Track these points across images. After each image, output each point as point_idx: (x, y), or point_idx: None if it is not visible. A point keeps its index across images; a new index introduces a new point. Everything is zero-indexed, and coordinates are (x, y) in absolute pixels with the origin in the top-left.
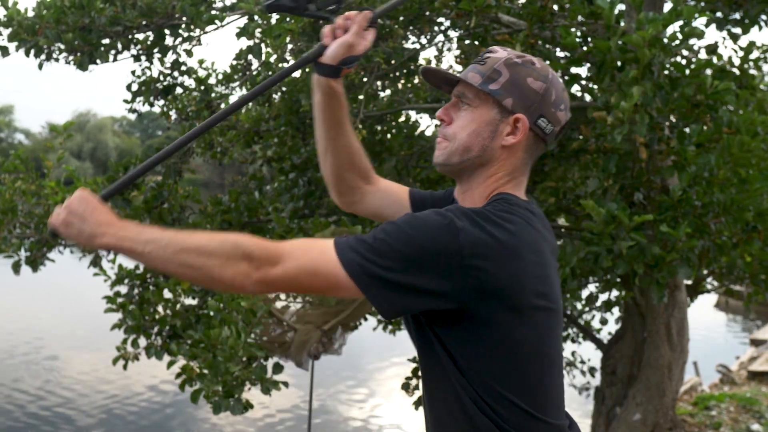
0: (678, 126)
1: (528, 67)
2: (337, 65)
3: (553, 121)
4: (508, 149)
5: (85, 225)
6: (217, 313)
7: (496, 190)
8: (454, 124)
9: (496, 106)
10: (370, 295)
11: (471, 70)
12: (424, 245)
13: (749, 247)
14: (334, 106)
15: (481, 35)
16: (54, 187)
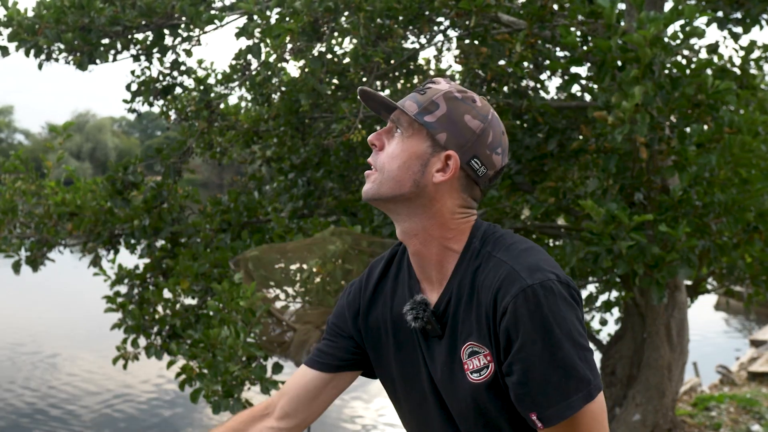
0: (679, 126)
1: (468, 103)
2: None
3: (486, 164)
4: (440, 186)
5: None
6: (217, 312)
7: (457, 228)
8: (385, 151)
9: (429, 139)
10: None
11: (410, 98)
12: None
13: (750, 248)
14: None
15: (480, 35)
16: (54, 187)
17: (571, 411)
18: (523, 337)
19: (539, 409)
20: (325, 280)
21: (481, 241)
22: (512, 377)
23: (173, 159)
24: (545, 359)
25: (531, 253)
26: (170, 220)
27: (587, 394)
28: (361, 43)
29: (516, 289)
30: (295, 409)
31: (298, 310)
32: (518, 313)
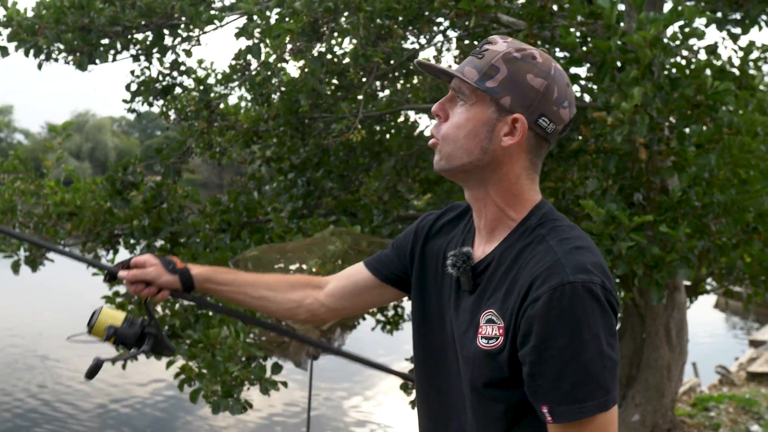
0: (678, 126)
1: (528, 62)
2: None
3: (555, 120)
4: (508, 150)
5: None
6: (216, 312)
7: (524, 197)
8: (449, 121)
9: (493, 104)
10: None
11: (468, 63)
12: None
13: (749, 248)
14: (224, 292)
15: (480, 35)
16: (53, 187)
17: (583, 415)
18: (548, 330)
19: (551, 403)
20: None
21: (539, 220)
22: (528, 367)
23: (173, 159)
24: (566, 357)
25: (583, 253)
26: (170, 220)
27: (603, 403)
28: (361, 44)
29: (556, 282)
30: (341, 296)
31: None
32: (551, 306)
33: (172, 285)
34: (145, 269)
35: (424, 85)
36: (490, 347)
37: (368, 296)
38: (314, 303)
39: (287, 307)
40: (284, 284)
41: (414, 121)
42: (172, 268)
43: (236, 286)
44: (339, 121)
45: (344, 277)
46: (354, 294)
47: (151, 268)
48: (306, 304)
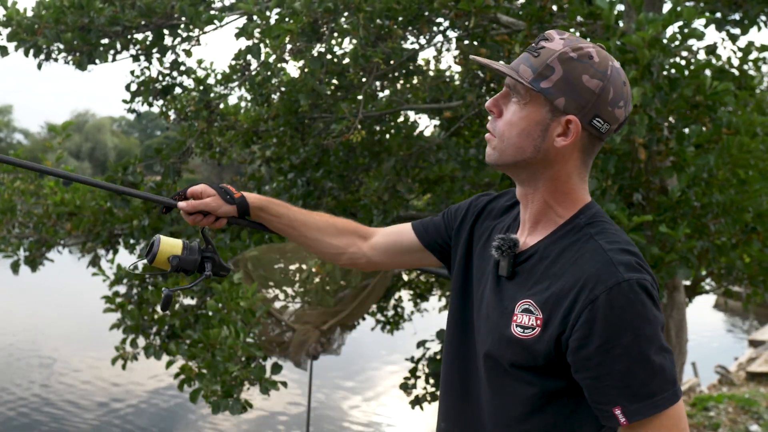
0: (677, 127)
1: (584, 62)
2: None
3: (609, 120)
4: (561, 150)
5: None
6: (216, 313)
7: (574, 197)
8: (504, 118)
9: (547, 104)
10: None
11: (524, 61)
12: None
13: (748, 248)
14: (274, 223)
15: (479, 35)
16: (53, 187)
17: (656, 409)
18: (612, 329)
19: (623, 403)
20: (324, 280)
21: (588, 219)
22: (593, 370)
23: (173, 159)
24: (633, 354)
25: (631, 253)
26: (169, 220)
27: (673, 394)
28: (361, 44)
29: (612, 282)
30: (383, 251)
31: (297, 310)
32: (611, 305)
33: (230, 214)
34: (204, 200)
35: (424, 86)
36: (525, 336)
37: (408, 257)
38: (357, 252)
39: (331, 251)
40: (333, 229)
41: (414, 121)
42: (230, 198)
43: (288, 220)
44: (339, 122)
45: (390, 233)
46: (395, 252)
47: (209, 198)
48: (350, 252)
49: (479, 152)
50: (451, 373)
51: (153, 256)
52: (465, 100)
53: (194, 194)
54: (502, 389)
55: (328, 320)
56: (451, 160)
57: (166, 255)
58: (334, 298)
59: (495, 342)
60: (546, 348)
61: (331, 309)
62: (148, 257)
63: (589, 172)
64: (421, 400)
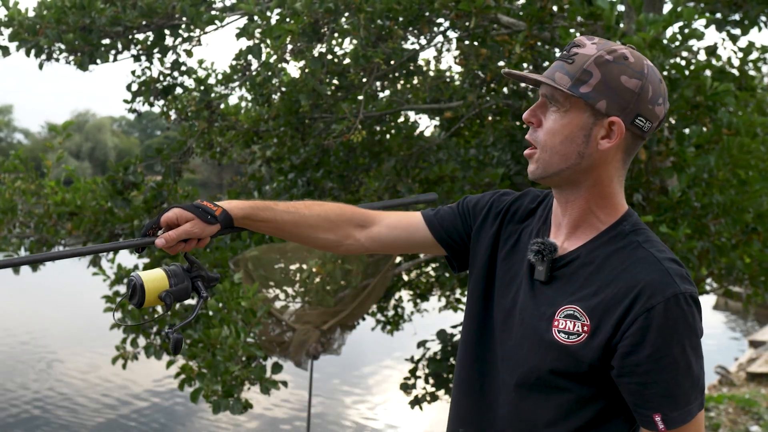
0: (677, 127)
1: (621, 63)
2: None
3: (650, 118)
4: (605, 152)
5: None
6: (217, 312)
7: (615, 202)
8: (544, 128)
9: (588, 109)
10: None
11: (558, 69)
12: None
13: (749, 249)
14: (261, 229)
15: (480, 36)
16: (53, 187)
17: (691, 417)
18: (664, 339)
19: (665, 410)
20: (325, 280)
21: (632, 226)
22: (640, 376)
23: (173, 159)
24: (681, 365)
25: (680, 264)
26: None
27: (701, 402)
28: (361, 44)
29: (670, 293)
30: (387, 243)
31: (298, 310)
32: (667, 315)
33: (214, 232)
34: (184, 228)
35: (424, 86)
36: (570, 342)
37: (413, 248)
38: (354, 244)
39: (327, 246)
40: (326, 223)
41: (414, 121)
42: (211, 218)
43: (275, 224)
44: (339, 122)
45: (397, 226)
46: (402, 246)
47: (188, 224)
48: (346, 243)
49: (479, 152)
50: (471, 376)
51: (140, 300)
52: (465, 101)
53: (169, 223)
54: (532, 394)
55: (328, 320)
56: (452, 160)
57: (155, 294)
58: (334, 298)
59: (533, 347)
60: (593, 355)
61: (332, 309)
62: (135, 302)
63: (624, 179)
64: (421, 401)
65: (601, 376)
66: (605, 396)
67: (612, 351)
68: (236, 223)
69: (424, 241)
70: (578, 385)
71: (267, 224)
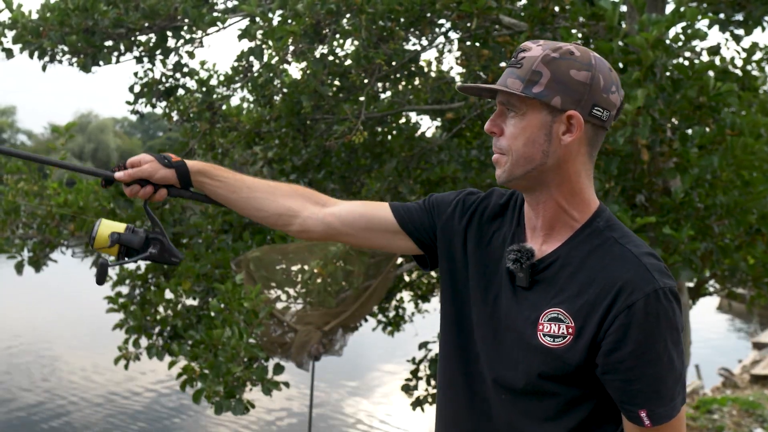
0: (680, 128)
1: (567, 58)
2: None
3: (607, 107)
4: (568, 147)
5: None
6: (219, 313)
7: (585, 198)
8: (506, 134)
9: (544, 108)
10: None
11: (509, 75)
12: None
13: (752, 250)
14: (217, 190)
15: (482, 37)
16: (56, 188)
17: (676, 412)
18: (647, 334)
19: (650, 406)
20: (326, 281)
21: (605, 222)
22: (624, 373)
23: None
24: (664, 360)
25: (656, 258)
26: (172, 221)
27: (683, 397)
28: (363, 45)
29: (649, 289)
30: (350, 222)
31: (299, 311)
32: (647, 311)
33: (169, 180)
34: (141, 167)
35: (426, 87)
36: (555, 345)
37: (377, 236)
38: (311, 218)
39: (280, 213)
40: (283, 190)
41: (415, 122)
42: (167, 162)
43: (231, 183)
44: (341, 123)
45: (361, 206)
46: (365, 227)
47: (146, 165)
48: (303, 216)
49: (481, 153)
50: (455, 377)
51: (93, 238)
52: (466, 102)
53: (133, 164)
54: (522, 399)
55: (329, 321)
56: (453, 161)
57: (107, 233)
58: (335, 299)
59: (521, 352)
60: (579, 356)
61: (333, 310)
62: (90, 240)
63: (593, 174)
64: (423, 402)
65: (589, 376)
66: (595, 397)
67: (596, 349)
68: (193, 179)
69: (386, 224)
70: (567, 388)
71: (223, 184)
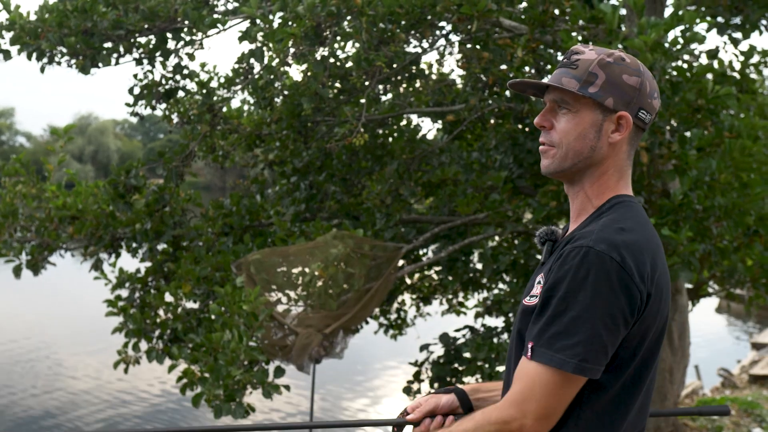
0: (679, 130)
1: (620, 64)
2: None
3: (650, 111)
4: (614, 145)
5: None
6: (219, 316)
7: (609, 189)
8: (557, 128)
9: (597, 107)
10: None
11: (564, 74)
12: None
13: (750, 251)
14: (495, 397)
15: (482, 39)
16: (55, 191)
17: (551, 363)
18: (556, 280)
19: (535, 341)
20: (327, 283)
21: (610, 205)
22: (537, 308)
23: (175, 162)
24: (560, 307)
25: (624, 234)
26: (172, 224)
27: (569, 363)
28: (364, 48)
29: (580, 243)
30: None
31: (300, 314)
32: (565, 261)
33: (453, 405)
34: (427, 402)
35: (426, 89)
36: (530, 303)
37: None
38: None
39: None
40: None
41: (416, 124)
42: (445, 390)
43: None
44: (342, 125)
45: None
46: None
47: (429, 399)
48: None
49: (482, 155)
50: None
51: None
52: (467, 104)
53: (414, 407)
54: (514, 359)
55: (330, 324)
56: (454, 163)
57: None
58: (336, 302)
59: (516, 318)
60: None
61: (334, 312)
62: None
63: (629, 170)
64: None
65: None
66: None
67: None
68: (470, 396)
69: None
70: None
71: (496, 392)
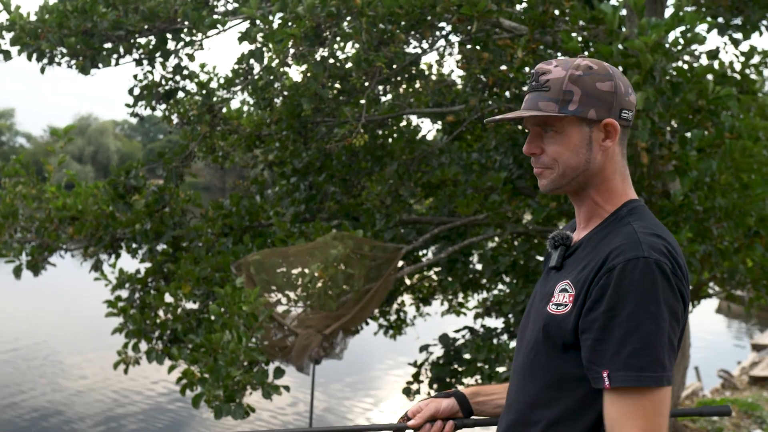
0: (679, 131)
1: (590, 73)
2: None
3: (630, 108)
4: (607, 151)
5: None
6: (219, 317)
7: (617, 193)
8: (548, 152)
9: (582, 122)
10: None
11: (539, 99)
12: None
13: (751, 252)
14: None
15: (482, 40)
16: (55, 192)
17: (639, 383)
18: (618, 297)
19: (611, 367)
20: (327, 284)
21: (629, 211)
22: (595, 332)
23: (175, 163)
24: (631, 325)
25: (663, 239)
26: (172, 224)
27: (659, 378)
28: (364, 48)
29: (631, 255)
30: None
31: (300, 315)
32: (623, 275)
33: (453, 409)
34: (427, 407)
35: (426, 90)
36: (557, 312)
37: None
38: None
39: None
40: None
41: (416, 125)
42: (444, 394)
43: (503, 392)
44: (341, 126)
45: None
46: None
47: (429, 404)
48: None
49: (481, 156)
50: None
51: None
52: (467, 105)
53: (415, 412)
54: (531, 375)
55: (330, 324)
56: (454, 164)
57: None
58: (336, 302)
59: (535, 324)
60: (574, 322)
61: (334, 313)
62: None
63: (627, 169)
64: None
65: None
66: (585, 380)
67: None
68: (471, 400)
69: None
70: (563, 360)
71: (498, 395)
